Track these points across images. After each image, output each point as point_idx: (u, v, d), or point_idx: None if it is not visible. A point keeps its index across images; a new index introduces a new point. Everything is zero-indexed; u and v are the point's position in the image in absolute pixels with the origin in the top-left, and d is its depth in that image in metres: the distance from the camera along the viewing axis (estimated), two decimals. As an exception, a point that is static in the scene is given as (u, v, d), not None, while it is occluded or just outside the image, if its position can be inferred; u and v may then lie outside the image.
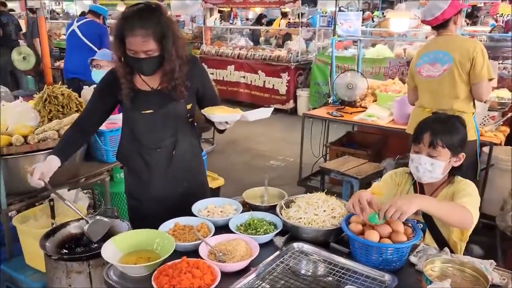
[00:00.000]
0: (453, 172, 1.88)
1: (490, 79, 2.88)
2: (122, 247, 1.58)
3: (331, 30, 6.54)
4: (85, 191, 3.38)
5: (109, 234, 1.80)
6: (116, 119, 3.13)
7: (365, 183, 3.45)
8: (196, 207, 1.90)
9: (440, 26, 2.99)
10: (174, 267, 1.41)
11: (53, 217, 2.24)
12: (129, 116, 2.00)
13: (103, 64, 3.74)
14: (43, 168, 1.85)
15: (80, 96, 3.39)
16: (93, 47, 5.30)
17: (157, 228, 1.71)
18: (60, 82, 3.10)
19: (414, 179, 1.94)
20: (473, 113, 2.99)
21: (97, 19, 5.45)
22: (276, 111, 8.32)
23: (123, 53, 1.87)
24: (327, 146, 4.57)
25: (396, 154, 3.86)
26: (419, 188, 1.93)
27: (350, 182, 3.47)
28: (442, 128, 1.81)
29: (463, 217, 1.66)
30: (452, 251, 1.78)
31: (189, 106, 2.03)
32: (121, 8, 7.90)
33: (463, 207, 1.67)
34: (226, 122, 1.86)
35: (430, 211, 1.62)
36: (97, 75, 3.76)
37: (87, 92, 4.51)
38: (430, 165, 1.80)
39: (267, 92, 8.20)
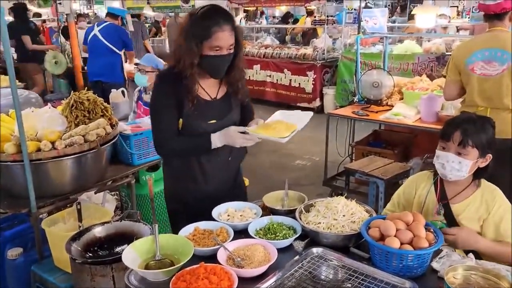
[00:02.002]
0: (481, 173, 1.83)
1: None
2: (142, 252, 1.60)
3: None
4: (112, 193, 3.47)
5: (131, 238, 1.84)
6: (141, 123, 3.20)
7: (392, 184, 3.38)
8: (216, 211, 1.92)
9: (495, 16, 2.86)
10: (191, 273, 1.42)
11: (80, 220, 2.30)
12: (192, 125, 1.96)
13: (147, 70, 3.84)
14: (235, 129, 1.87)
15: (104, 99, 3.48)
16: (115, 49, 5.49)
17: None
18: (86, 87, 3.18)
19: (435, 178, 1.90)
20: None
21: (116, 21, 5.62)
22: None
23: (199, 56, 1.85)
24: (352, 145, 4.51)
25: (424, 153, 3.77)
26: (439, 187, 1.89)
27: (375, 182, 3.41)
28: (473, 127, 1.79)
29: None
30: (478, 256, 1.74)
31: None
32: (147, 11, 8.00)
33: None
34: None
35: (485, 253, 1.75)
36: (141, 79, 3.83)
37: (115, 95, 4.63)
38: (458, 164, 1.78)
39: (293, 90, 8.16)
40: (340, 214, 1.73)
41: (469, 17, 6.54)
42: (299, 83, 8.07)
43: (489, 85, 2.87)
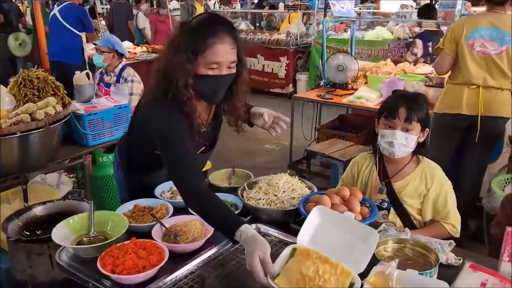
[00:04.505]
0: (418, 149, 1.85)
1: None
2: (75, 229, 1.57)
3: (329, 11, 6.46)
4: (71, 175, 3.40)
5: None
6: (97, 103, 3.13)
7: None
8: (160, 189, 1.89)
9: (500, 2, 2.90)
10: (120, 248, 1.40)
11: (25, 200, 2.25)
12: None
13: (103, 50, 3.81)
14: (260, 253, 1.27)
15: (63, 79, 3.39)
16: (74, 30, 5.40)
17: None
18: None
19: (376, 158, 1.92)
20: None
21: (75, 0, 5.51)
22: (275, 95, 8.28)
23: (193, 75, 1.51)
24: (317, 129, 4.52)
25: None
26: (381, 167, 1.90)
27: (335, 164, 3.43)
28: (415, 104, 1.82)
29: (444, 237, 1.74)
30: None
31: None
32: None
33: (444, 232, 1.80)
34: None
35: None
36: (97, 59, 3.89)
37: (78, 77, 4.52)
38: (405, 140, 1.80)
39: (266, 76, 8.13)
40: (281, 191, 1.72)
41: (438, 5, 6.61)
42: (272, 69, 8.03)
43: (486, 64, 2.91)
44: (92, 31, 5.63)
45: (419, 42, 5.02)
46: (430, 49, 4.88)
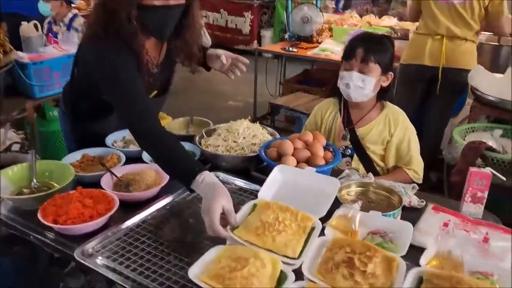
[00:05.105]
0: (383, 95, 1.79)
1: None
2: (15, 180, 1.43)
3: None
4: (20, 132, 3.18)
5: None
6: (44, 52, 2.90)
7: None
8: (111, 138, 1.76)
9: None
10: (64, 197, 1.28)
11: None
12: None
13: None
14: (224, 202, 1.16)
15: (15, 32, 3.13)
16: None
17: None
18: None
19: (341, 105, 1.85)
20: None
21: None
22: (240, 52, 8.04)
23: (138, 6, 1.34)
24: (281, 83, 4.43)
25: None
26: (345, 113, 1.84)
27: (300, 118, 3.37)
28: (375, 45, 1.75)
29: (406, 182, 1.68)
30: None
31: None
32: None
33: (407, 178, 1.75)
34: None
35: None
36: (43, 7, 3.63)
37: (26, 28, 4.18)
38: (361, 82, 1.73)
39: (230, 32, 7.85)
40: (241, 137, 1.63)
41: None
42: (236, 24, 7.76)
43: (450, 14, 2.86)
44: None
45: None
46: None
